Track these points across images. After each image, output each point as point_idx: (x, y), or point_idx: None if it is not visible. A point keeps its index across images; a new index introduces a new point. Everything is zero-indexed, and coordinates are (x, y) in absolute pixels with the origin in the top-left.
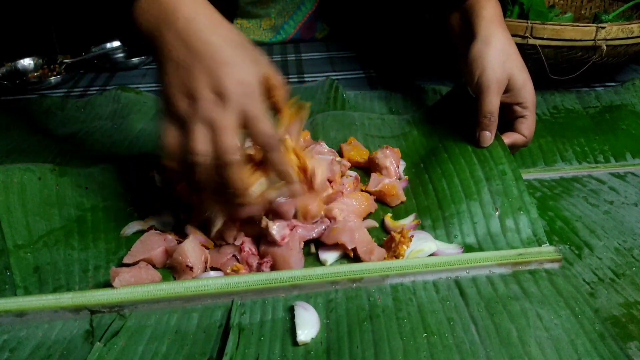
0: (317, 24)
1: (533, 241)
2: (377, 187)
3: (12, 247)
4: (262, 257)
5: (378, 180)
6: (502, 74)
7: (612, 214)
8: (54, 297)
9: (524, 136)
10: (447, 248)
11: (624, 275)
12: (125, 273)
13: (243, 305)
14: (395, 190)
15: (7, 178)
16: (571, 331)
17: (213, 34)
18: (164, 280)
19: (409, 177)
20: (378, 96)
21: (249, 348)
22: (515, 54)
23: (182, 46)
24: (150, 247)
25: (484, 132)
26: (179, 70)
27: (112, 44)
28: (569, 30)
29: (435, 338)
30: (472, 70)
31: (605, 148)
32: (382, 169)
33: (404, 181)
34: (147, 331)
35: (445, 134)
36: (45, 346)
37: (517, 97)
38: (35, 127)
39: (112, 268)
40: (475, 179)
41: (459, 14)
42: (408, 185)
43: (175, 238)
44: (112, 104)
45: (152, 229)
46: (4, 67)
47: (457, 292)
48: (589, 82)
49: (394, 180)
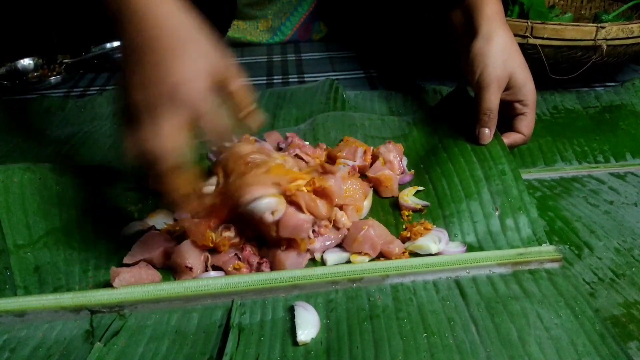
0: (314, 25)
1: (533, 241)
2: (376, 174)
3: (12, 247)
4: (263, 257)
5: (379, 168)
6: (503, 72)
7: (612, 214)
8: (54, 297)
9: (523, 134)
10: (451, 246)
11: (624, 275)
12: (125, 273)
13: (243, 305)
14: (391, 182)
15: (7, 178)
16: (571, 331)
17: (163, 26)
18: (164, 280)
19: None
20: (378, 96)
21: (249, 348)
22: (517, 51)
23: (139, 34)
24: (150, 247)
25: (483, 129)
26: (133, 60)
27: (112, 44)
28: (569, 30)
29: (435, 338)
30: (473, 67)
31: (605, 148)
32: (385, 163)
33: (409, 175)
34: (147, 331)
35: (445, 134)
36: (45, 346)
37: (518, 94)
38: (35, 127)
39: (112, 268)
40: (475, 179)
41: (461, 12)
42: (412, 180)
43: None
44: (112, 104)
45: (152, 229)
46: (4, 67)
47: (457, 292)
48: (589, 82)
49: (394, 174)
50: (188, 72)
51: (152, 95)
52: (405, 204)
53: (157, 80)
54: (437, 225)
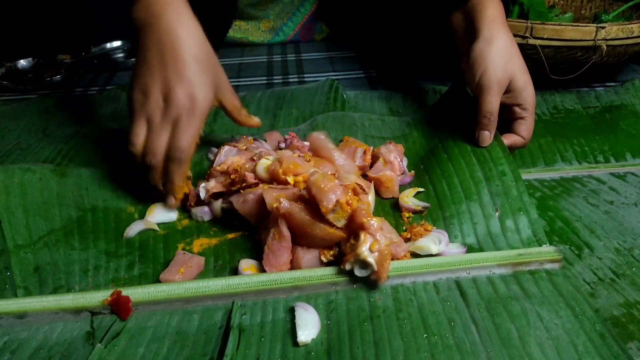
0: (315, 25)
1: (533, 241)
2: (377, 175)
3: (12, 248)
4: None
5: (380, 168)
6: (503, 75)
7: (612, 214)
8: (54, 299)
9: (522, 138)
10: (451, 248)
11: (624, 276)
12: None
13: (243, 306)
14: (392, 183)
15: (7, 178)
16: (571, 331)
17: (185, 46)
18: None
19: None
20: (378, 96)
21: (249, 349)
22: (518, 55)
23: (155, 47)
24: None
25: (484, 131)
26: (144, 68)
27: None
28: (569, 30)
29: (435, 338)
30: (473, 69)
31: (605, 148)
32: (386, 163)
33: (409, 176)
34: (147, 332)
35: (445, 135)
36: (46, 348)
37: (518, 98)
38: (35, 127)
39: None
40: (475, 180)
41: (462, 14)
42: (412, 181)
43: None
44: (112, 104)
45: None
46: (4, 67)
47: (457, 292)
48: (589, 82)
49: (395, 175)
50: (195, 92)
51: (151, 101)
52: (406, 205)
53: (163, 89)
54: (437, 227)
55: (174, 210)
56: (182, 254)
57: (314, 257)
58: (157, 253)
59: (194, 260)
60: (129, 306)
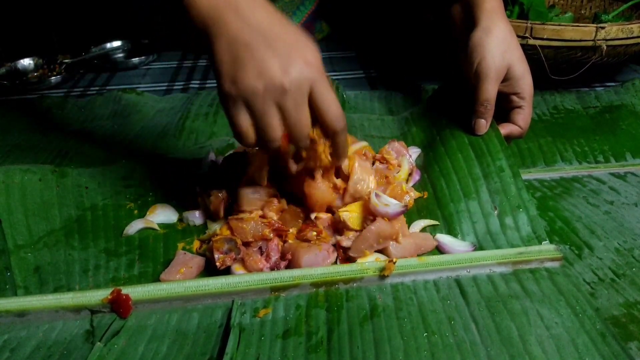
0: (315, 25)
1: (533, 238)
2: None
3: (12, 247)
4: (284, 255)
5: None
6: (501, 63)
7: (612, 214)
8: (54, 297)
9: (519, 127)
10: (460, 245)
11: (624, 276)
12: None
13: (243, 305)
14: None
15: (8, 179)
16: (572, 330)
17: (273, 20)
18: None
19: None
20: (378, 96)
21: (249, 348)
22: (516, 44)
23: (246, 26)
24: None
25: (480, 119)
26: (243, 48)
27: (112, 44)
28: (569, 31)
29: (436, 337)
30: (471, 57)
31: (605, 148)
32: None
33: (418, 173)
34: (147, 331)
35: (442, 126)
36: (45, 346)
37: (515, 87)
38: (35, 127)
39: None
40: (474, 177)
41: (461, 6)
42: (420, 179)
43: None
44: (112, 104)
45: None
46: (4, 67)
47: (457, 291)
48: (589, 82)
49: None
50: (308, 55)
51: (274, 81)
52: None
53: (279, 64)
54: (436, 226)
55: (174, 212)
56: (183, 254)
57: (313, 256)
58: (156, 252)
59: (194, 261)
60: (128, 304)
